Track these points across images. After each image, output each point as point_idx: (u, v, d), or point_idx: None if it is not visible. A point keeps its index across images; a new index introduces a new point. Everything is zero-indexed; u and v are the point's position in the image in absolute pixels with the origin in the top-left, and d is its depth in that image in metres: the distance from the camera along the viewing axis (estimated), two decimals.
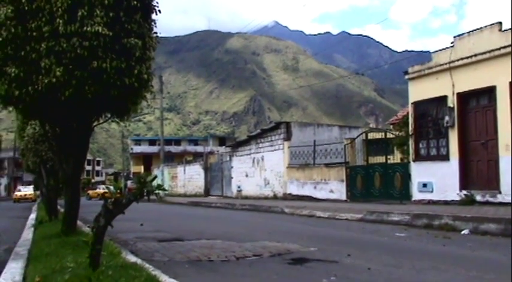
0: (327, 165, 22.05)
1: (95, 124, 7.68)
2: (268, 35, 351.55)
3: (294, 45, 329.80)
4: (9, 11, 5.97)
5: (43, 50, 5.99)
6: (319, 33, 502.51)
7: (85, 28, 5.97)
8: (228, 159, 32.98)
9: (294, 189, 23.99)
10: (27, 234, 9.30)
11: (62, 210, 12.18)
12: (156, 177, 3.66)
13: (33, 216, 15.42)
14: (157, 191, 3.51)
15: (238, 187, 30.18)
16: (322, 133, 26.29)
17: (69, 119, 7.18)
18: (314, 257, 6.08)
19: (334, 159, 22.27)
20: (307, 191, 22.86)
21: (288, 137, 25.46)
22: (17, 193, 46.83)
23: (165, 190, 3.83)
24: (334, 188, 21.00)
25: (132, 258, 5.14)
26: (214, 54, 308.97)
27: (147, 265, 4.61)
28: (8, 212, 22.69)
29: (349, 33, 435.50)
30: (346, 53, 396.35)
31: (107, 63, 6.14)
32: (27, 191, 46.47)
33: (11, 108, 7.30)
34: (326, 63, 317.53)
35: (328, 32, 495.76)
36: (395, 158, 18.88)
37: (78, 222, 8.42)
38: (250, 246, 7.19)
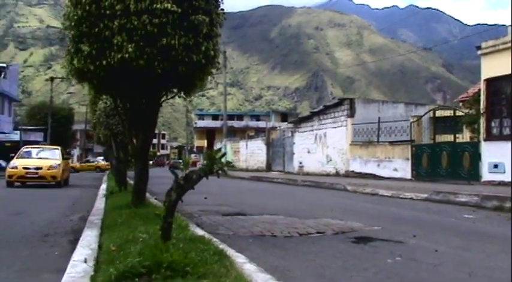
0: (392, 143, 21.60)
1: (163, 99, 7.86)
2: (332, 9, 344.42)
3: (359, 20, 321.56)
4: None
5: (115, 27, 6.16)
6: (385, 7, 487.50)
7: (155, 5, 6.07)
8: (290, 135, 32.98)
9: (356, 167, 23.72)
10: (100, 203, 9.76)
11: (131, 181, 12.69)
12: (225, 154, 3.73)
13: (104, 186, 16.14)
14: (225, 168, 3.58)
15: (300, 163, 30.18)
16: (386, 110, 25.67)
17: (139, 94, 7.40)
18: (378, 236, 6.02)
19: (399, 137, 21.76)
20: (370, 168, 22.54)
21: (351, 114, 25.08)
22: (17, 163, 19.41)
23: (233, 167, 3.90)
24: (399, 166, 20.58)
25: (199, 232, 5.29)
26: (276, 29, 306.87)
27: (214, 239, 4.73)
28: (80, 182, 23.85)
29: (417, 7, 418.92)
30: (413, 28, 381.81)
31: (176, 40, 6.23)
32: (42, 160, 19.81)
33: (85, 84, 7.60)
34: (391, 38, 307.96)
35: (395, 6, 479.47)
36: (465, 136, 18.22)
37: (146, 194, 8.72)
38: (312, 223, 7.21)
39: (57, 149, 21.56)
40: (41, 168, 18.81)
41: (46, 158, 19.97)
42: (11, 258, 4.87)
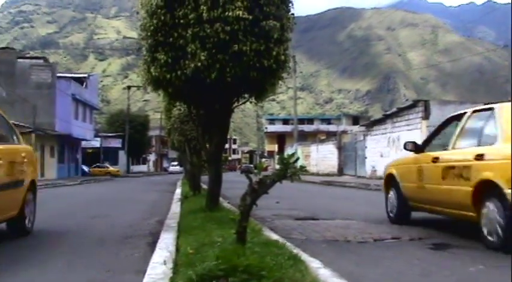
0: None
1: (235, 105, 7.98)
2: (404, 9, 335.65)
3: (432, 19, 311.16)
4: (159, 0, 6.42)
5: (189, 36, 6.35)
6: (461, 4, 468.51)
7: (227, 13, 6.19)
8: (362, 138, 32.45)
9: None
10: (175, 207, 10.05)
11: (204, 186, 12.97)
12: (298, 158, 3.74)
13: (178, 191, 16.59)
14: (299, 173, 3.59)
15: (373, 167, 29.58)
16: None
17: (212, 101, 7.55)
18: (457, 243, 5.79)
19: None
20: None
21: (426, 116, 24.27)
22: None
23: (307, 171, 3.90)
24: None
25: (273, 236, 5.32)
26: (346, 31, 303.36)
27: (287, 243, 4.74)
28: (156, 186, 24.70)
29: (495, 3, 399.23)
30: (492, 25, 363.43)
31: (247, 46, 6.32)
32: None
33: (160, 92, 7.87)
34: (468, 37, 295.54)
35: (472, 2, 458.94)
36: None
37: (220, 198, 8.86)
38: (387, 228, 7.06)
39: None
40: None
41: None
42: (96, 259, 5.13)
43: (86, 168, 49.40)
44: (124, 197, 16.43)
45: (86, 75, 50.64)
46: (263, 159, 75.40)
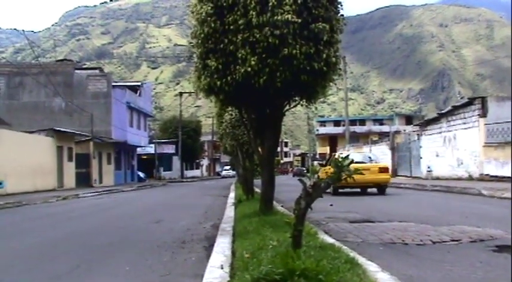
0: None
1: (286, 109, 7.98)
2: (457, 4, 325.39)
3: (488, 12, 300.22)
4: (209, 8, 6.52)
5: (239, 41, 6.42)
6: None
7: (276, 17, 6.22)
8: (416, 138, 31.68)
9: (491, 170, 22.08)
10: (229, 212, 10.14)
11: (257, 189, 13.03)
12: (352, 161, 3.70)
13: (232, 195, 16.74)
14: (353, 175, 3.55)
15: (428, 167, 28.81)
16: None
17: (263, 105, 7.59)
18: None
19: None
20: (508, 171, 20.83)
21: (483, 113, 23.42)
22: None
23: (362, 174, 3.85)
24: None
25: (328, 239, 5.27)
26: (397, 29, 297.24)
27: (344, 246, 4.69)
28: (210, 191, 25.00)
29: None
30: None
31: (297, 49, 6.32)
32: None
33: (211, 98, 7.97)
34: None
35: None
36: None
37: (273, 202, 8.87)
38: (446, 230, 6.86)
39: None
40: None
41: None
42: (156, 263, 5.25)
43: (141, 175, 50.58)
44: (179, 202, 16.73)
45: (139, 83, 51.82)
46: (315, 162, 74.88)
